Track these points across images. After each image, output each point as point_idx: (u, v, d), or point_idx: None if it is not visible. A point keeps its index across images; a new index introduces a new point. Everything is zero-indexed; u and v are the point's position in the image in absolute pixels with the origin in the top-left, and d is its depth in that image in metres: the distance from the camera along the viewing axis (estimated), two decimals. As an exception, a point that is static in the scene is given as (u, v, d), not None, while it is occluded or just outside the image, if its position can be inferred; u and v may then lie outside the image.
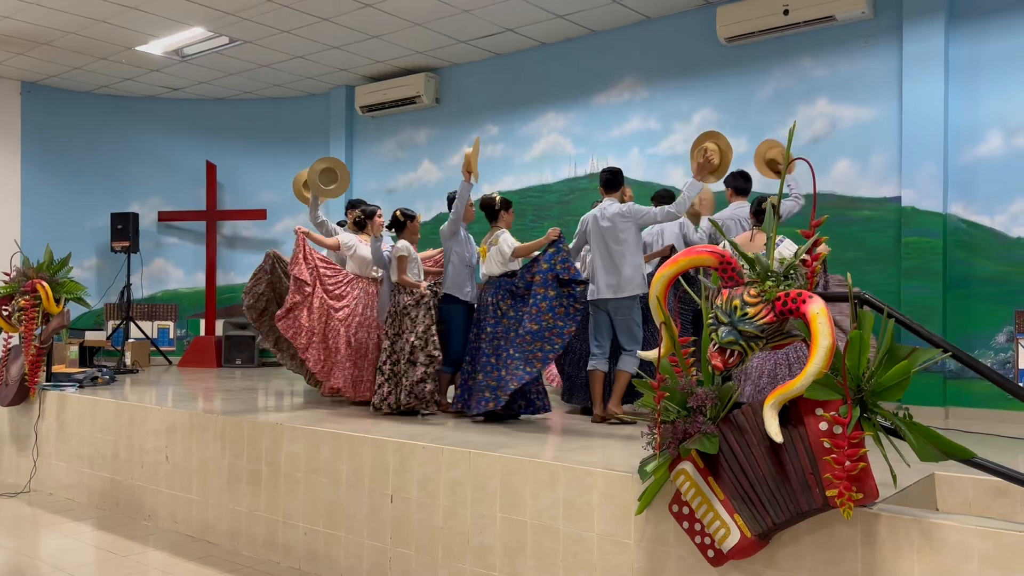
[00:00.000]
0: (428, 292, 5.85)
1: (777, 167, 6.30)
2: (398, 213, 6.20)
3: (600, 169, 8.71)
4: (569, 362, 6.41)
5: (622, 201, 5.96)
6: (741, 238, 5.61)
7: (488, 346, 5.67)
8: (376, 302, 6.47)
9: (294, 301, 6.26)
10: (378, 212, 6.63)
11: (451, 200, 6.32)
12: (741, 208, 6.29)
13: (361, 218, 6.69)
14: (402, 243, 6.02)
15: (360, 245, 6.64)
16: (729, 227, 6.18)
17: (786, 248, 5.01)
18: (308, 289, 6.32)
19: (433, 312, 5.83)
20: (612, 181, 5.90)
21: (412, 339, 5.73)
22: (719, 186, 6.63)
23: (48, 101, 11.11)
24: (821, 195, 7.21)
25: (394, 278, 5.98)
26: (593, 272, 5.78)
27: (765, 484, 3.07)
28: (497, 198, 6.00)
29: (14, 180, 10.83)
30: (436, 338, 5.77)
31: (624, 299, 5.66)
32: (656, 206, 5.89)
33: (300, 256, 6.38)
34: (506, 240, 5.80)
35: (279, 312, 6.30)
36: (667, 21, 8.36)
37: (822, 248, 3.19)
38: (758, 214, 5.57)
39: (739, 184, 6.41)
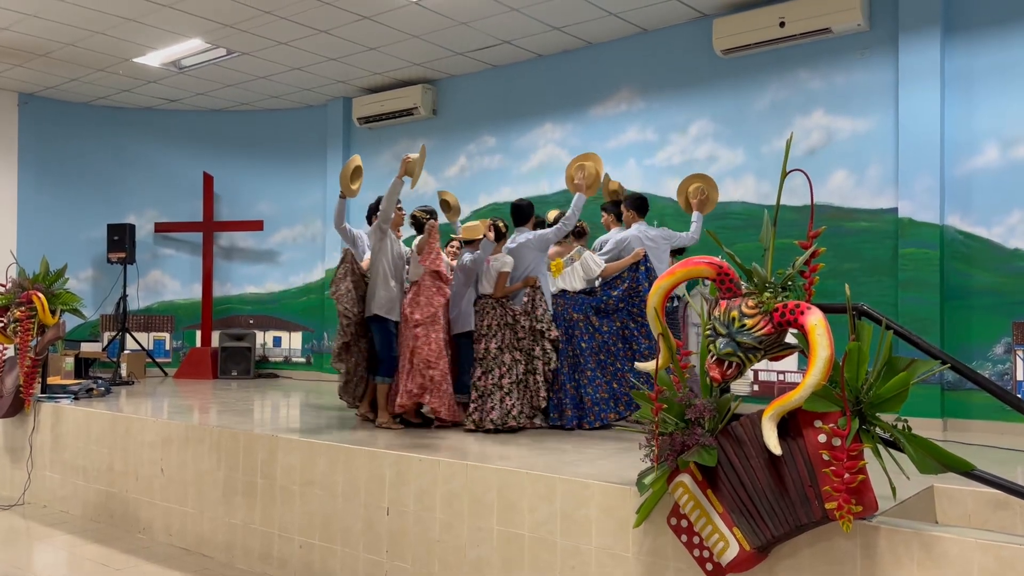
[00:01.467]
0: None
1: (691, 200, 6.98)
2: (419, 213, 6.09)
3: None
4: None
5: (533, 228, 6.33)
6: (555, 251, 6.33)
7: (592, 360, 6.03)
8: None
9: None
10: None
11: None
12: (642, 226, 6.65)
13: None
14: (507, 259, 5.97)
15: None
16: (635, 245, 6.50)
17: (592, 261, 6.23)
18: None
19: None
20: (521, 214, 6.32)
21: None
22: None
23: (45, 112, 11.11)
24: (818, 206, 7.18)
25: (495, 291, 5.88)
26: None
27: (764, 497, 3.05)
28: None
29: (11, 191, 10.82)
30: None
31: None
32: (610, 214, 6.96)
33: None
34: (593, 258, 6.27)
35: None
36: (663, 33, 8.39)
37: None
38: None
39: (638, 205, 6.76)
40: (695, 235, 6.83)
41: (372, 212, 6.51)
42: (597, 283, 6.40)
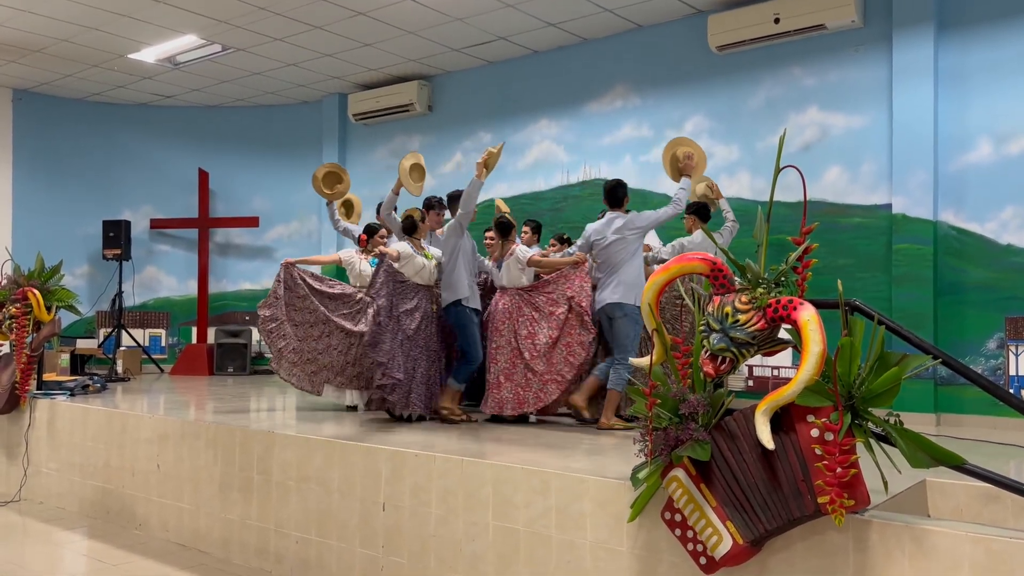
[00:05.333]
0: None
1: (679, 164, 6.51)
2: (412, 211, 6.34)
3: (592, 177, 8.81)
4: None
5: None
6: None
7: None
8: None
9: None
10: (381, 231, 6.92)
11: (451, 199, 6.49)
12: (618, 218, 6.25)
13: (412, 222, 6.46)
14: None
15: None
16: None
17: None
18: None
19: None
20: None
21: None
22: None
23: (40, 108, 11.09)
24: (812, 202, 7.23)
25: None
26: None
27: (757, 491, 3.07)
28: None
29: (5, 187, 10.79)
30: None
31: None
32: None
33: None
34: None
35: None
36: (659, 29, 8.40)
37: None
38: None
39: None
40: (681, 204, 6.18)
41: (422, 211, 6.67)
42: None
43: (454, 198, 6.45)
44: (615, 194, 6.17)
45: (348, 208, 8.12)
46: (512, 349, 6.12)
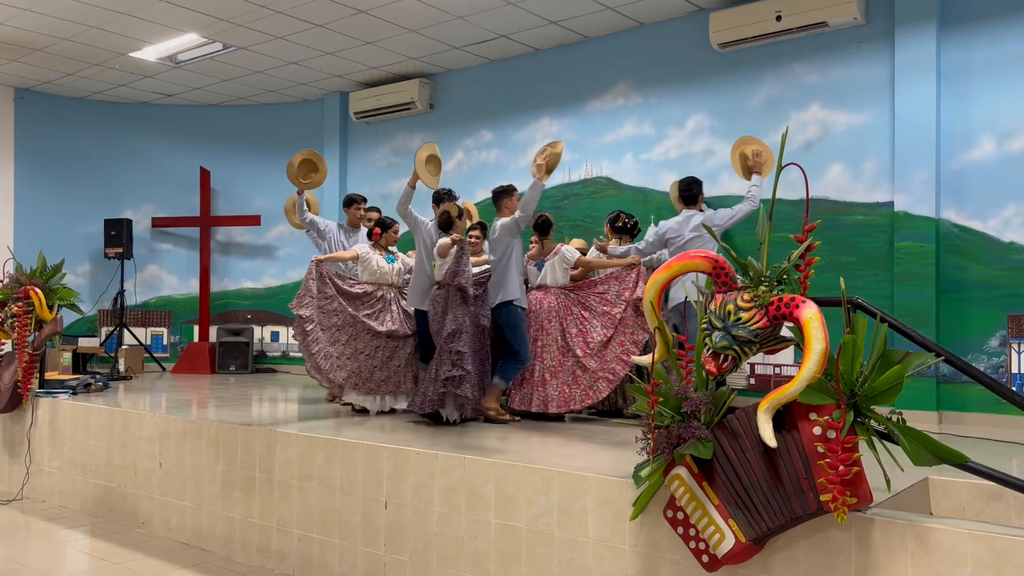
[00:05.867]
0: None
1: (747, 163, 6.56)
2: (452, 208, 6.18)
3: (594, 175, 8.80)
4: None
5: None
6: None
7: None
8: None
9: None
10: (395, 226, 6.82)
11: (497, 195, 6.33)
12: (695, 216, 6.36)
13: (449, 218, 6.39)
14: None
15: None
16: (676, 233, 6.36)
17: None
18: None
19: None
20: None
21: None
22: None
23: (41, 107, 11.09)
24: (814, 200, 7.23)
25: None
26: None
27: (759, 489, 3.07)
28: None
29: (7, 186, 10.80)
30: None
31: None
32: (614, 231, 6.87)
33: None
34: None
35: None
36: (660, 27, 8.39)
37: None
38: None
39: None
40: (755, 201, 6.26)
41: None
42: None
43: (499, 194, 6.30)
44: (691, 191, 6.30)
45: (308, 170, 7.82)
46: (560, 347, 6.20)
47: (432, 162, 6.60)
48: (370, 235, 6.93)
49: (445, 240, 5.97)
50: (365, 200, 7.33)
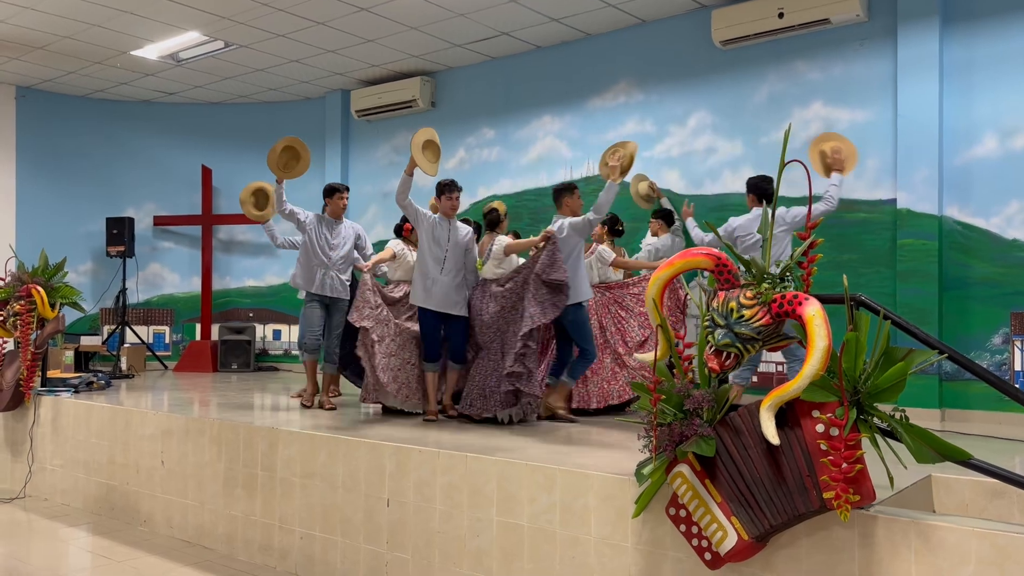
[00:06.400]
0: None
1: (827, 160, 6.18)
2: (497, 205, 6.15)
3: (596, 173, 8.78)
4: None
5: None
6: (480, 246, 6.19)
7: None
8: None
9: None
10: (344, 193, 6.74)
11: (558, 193, 6.12)
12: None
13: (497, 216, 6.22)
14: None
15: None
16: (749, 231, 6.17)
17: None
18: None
19: None
20: None
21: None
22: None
23: (43, 106, 11.09)
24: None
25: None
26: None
27: (762, 486, 3.07)
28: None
29: (9, 185, 10.81)
30: None
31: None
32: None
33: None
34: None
35: None
36: (662, 24, 8.37)
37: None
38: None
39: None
40: (834, 201, 5.99)
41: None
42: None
43: (560, 191, 6.11)
44: (763, 189, 6.14)
45: (263, 200, 7.47)
46: (599, 345, 6.27)
47: (430, 148, 6.04)
48: (399, 231, 6.61)
49: (524, 240, 6.00)
50: (348, 189, 6.98)
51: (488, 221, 6.15)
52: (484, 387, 5.79)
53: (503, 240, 6.00)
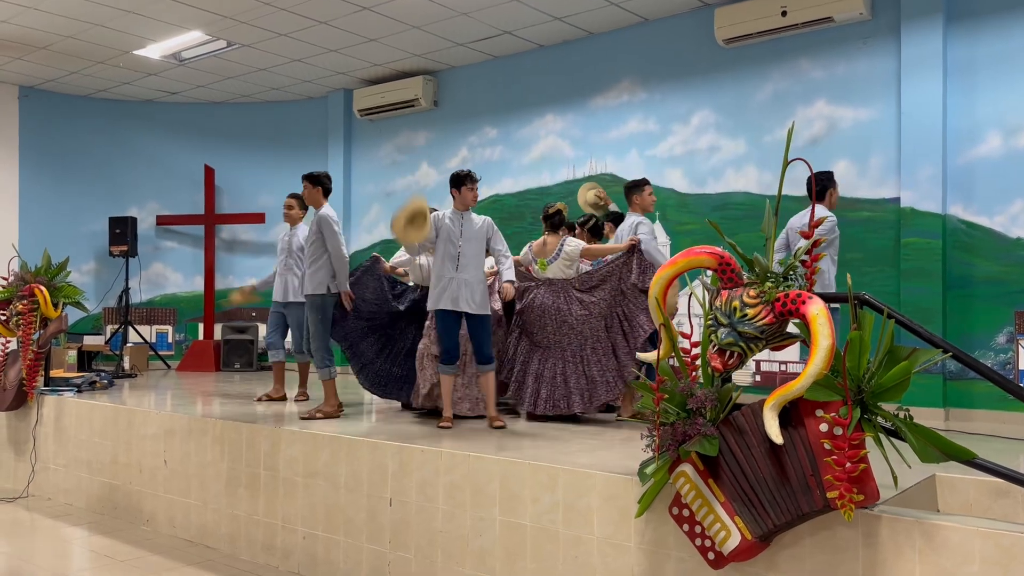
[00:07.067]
0: None
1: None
2: (561, 206, 6.08)
3: (599, 172, 8.78)
4: None
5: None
6: (536, 244, 6.06)
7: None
8: None
9: None
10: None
11: (627, 191, 6.09)
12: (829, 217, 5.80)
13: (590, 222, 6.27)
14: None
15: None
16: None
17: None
18: None
19: None
20: None
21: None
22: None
23: (46, 105, 11.10)
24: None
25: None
26: None
27: (765, 486, 3.06)
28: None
29: (12, 184, 10.82)
30: None
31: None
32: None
33: None
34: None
35: None
36: (665, 23, 8.36)
37: None
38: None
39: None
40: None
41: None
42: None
43: (630, 188, 6.05)
44: (820, 185, 5.92)
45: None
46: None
47: (416, 221, 5.40)
48: None
49: (603, 246, 5.96)
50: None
51: (554, 223, 5.99)
52: (568, 384, 5.81)
53: (578, 243, 5.94)
